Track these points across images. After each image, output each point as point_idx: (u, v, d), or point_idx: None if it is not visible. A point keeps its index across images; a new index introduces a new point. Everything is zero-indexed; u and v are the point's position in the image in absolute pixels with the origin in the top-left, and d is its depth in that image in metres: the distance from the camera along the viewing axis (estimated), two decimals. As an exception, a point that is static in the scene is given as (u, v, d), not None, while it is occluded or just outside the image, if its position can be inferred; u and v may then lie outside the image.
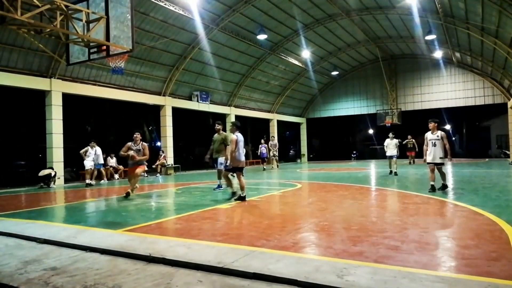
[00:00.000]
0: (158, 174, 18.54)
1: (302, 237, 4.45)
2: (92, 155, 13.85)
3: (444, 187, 8.38)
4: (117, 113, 25.48)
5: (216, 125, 9.88)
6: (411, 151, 20.63)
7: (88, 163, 13.61)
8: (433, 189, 8.21)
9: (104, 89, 16.98)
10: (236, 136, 7.87)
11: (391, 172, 13.63)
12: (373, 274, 3.03)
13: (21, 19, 6.04)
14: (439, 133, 8.26)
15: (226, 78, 23.44)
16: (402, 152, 17.66)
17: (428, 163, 8.48)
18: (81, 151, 13.86)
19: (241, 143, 7.93)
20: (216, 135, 9.79)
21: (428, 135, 8.41)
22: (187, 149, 34.19)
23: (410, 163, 20.74)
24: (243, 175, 7.91)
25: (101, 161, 14.69)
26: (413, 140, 20.56)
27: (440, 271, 3.13)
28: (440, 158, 8.23)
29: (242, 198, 7.62)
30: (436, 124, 8.38)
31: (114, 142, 24.01)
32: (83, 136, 23.58)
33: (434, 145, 8.25)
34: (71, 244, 4.33)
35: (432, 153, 8.32)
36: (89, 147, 13.86)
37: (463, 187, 9.42)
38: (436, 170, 8.37)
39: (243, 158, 7.95)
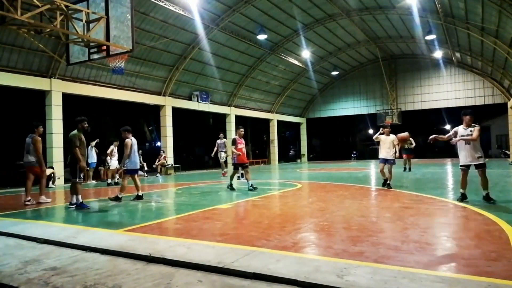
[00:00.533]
0: (158, 174, 18.53)
1: (302, 237, 4.45)
2: (117, 154, 13.88)
3: (487, 198, 6.54)
4: (117, 113, 25.48)
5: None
6: (409, 154, 15.71)
7: (115, 163, 13.69)
8: (463, 197, 6.80)
9: (104, 89, 16.99)
10: (131, 140, 8.39)
11: (385, 183, 9.25)
12: (373, 274, 3.02)
13: (21, 19, 6.05)
14: (475, 127, 6.60)
15: (226, 78, 23.44)
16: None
17: (462, 166, 6.83)
18: (108, 151, 13.90)
19: (136, 147, 8.49)
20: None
21: (460, 129, 6.80)
22: (187, 149, 34.20)
23: (405, 169, 15.53)
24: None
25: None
26: (411, 139, 14.91)
27: (440, 271, 3.12)
28: (479, 157, 6.58)
29: (118, 199, 8.07)
30: (471, 117, 6.67)
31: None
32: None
33: (468, 142, 6.61)
34: (71, 244, 4.33)
35: (465, 152, 6.68)
36: (113, 146, 13.85)
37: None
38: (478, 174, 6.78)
39: (138, 161, 8.64)
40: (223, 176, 14.25)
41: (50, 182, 13.44)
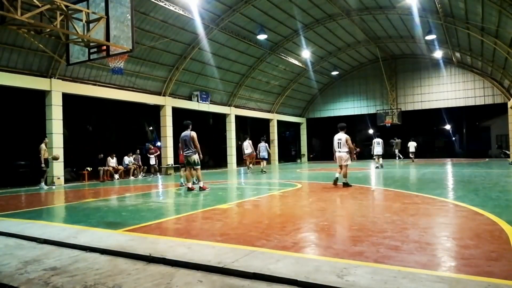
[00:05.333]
0: (142, 174, 18.36)
1: (302, 237, 4.45)
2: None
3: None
4: (118, 113, 25.46)
5: None
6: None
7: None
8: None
9: (104, 89, 16.98)
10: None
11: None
12: (373, 274, 3.02)
13: (21, 19, 6.04)
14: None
15: (226, 78, 23.43)
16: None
17: None
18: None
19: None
20: None
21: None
22: (187, 149, 34.10)
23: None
24: None
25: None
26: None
27: (440, 271, 3.12)
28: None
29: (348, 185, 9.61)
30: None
31: (115, 142, 24.00)
32: (83, 136, 23.56)
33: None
34: (71, 244, 4.33)
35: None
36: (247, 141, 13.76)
37: (462, 187, 9.42)
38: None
39: None
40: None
41: (43, 183, 13.11)
